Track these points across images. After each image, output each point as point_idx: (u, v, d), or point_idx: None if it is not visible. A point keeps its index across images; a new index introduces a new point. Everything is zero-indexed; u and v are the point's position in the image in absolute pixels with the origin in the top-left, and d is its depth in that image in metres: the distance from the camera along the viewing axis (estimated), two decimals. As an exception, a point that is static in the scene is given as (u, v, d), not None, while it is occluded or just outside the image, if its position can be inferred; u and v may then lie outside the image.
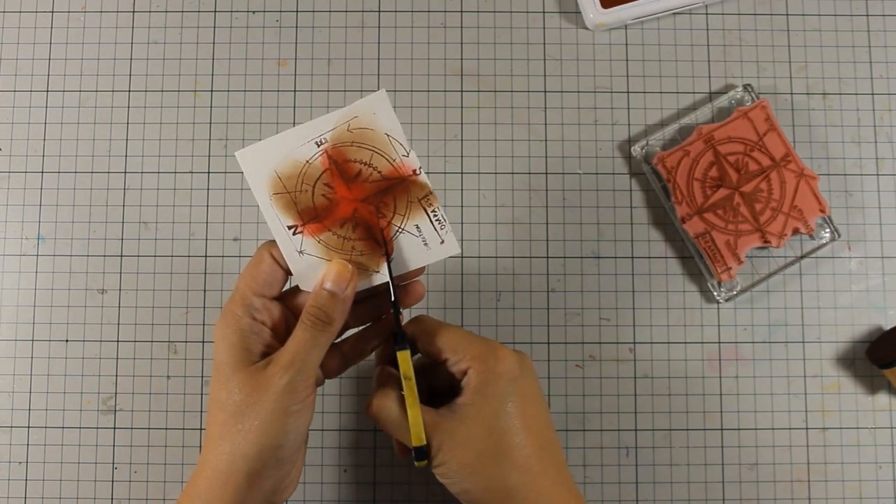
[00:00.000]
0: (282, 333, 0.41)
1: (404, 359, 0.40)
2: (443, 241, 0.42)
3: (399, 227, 0.42)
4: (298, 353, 0.39)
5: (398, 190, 0.41)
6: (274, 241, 0.41)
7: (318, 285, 0.40)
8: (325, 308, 0.39)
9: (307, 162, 0.41)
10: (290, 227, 0.41)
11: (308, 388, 0.39)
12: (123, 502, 0.52)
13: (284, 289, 0.42)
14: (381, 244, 0.41)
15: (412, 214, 0.42)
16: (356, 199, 0.41)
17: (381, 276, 0.41)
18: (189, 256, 0.53)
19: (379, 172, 0.41)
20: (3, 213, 0.54)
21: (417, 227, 0.42)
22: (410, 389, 0.40)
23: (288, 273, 0.41)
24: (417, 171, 0.41)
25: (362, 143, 0.41)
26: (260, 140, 0.41)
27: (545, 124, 0.55)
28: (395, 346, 0.41)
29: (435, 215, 0.42)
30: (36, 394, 0.53)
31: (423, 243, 0.41)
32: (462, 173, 0.54)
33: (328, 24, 0.55)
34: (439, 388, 0.43)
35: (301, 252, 0.41)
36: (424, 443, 0.39)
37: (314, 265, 0.41)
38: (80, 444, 0.52)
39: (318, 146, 0.41)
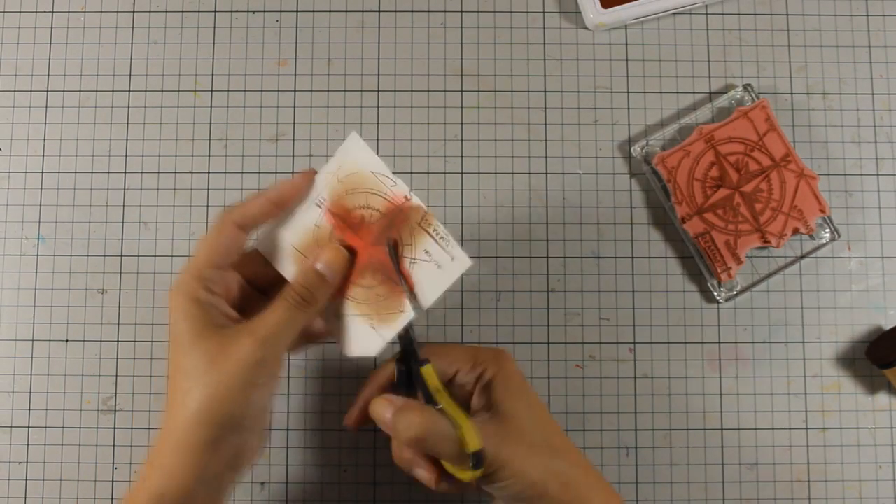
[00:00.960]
0: (237, 301, 0.41)
1: (430, 373, 0.40)
2: (452, 258, 0.41)
3: (411, 258, 0.41)
4: (276, 329, 0.38)
5: (398, 220, 0.41)
6: (232, 208, 0.40)
7: (308, 265, 0.40)
8: (311, 288, 0.39)
9: (316, 226, 0.42)
10: (320, 200, 0.42)
11: (277, 362, 0.39)
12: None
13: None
14: (398, 279, 0.41)
15: (417, 241, 0.42)
16: (368, 244, 0.42)
17: (406, 315, 0.41)
18: (189, 256, 0.53)
19: (378, 211, 0.42)
20: (3, 213, 0.54)
21: (426, 252, 0.42)
22: (447, 398, 0.40)
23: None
24: (408, 196, 0.41)
25: (355, 189, 0.42)
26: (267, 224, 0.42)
27: (545, 124, 0.55)
28: (411, 366, 0.41)
29: (437, 233, 0.42)
30: (36, 394, 0.53)
31: (436, 267, 0.41)
32: (462, 173, 0.54)
33: (328, 24, 0.55)
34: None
35: (317, 226, 0.42)
36: (481, 445, 0.38)
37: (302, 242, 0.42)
38: (80, 444, 0.52)
39: (320, 207, 0.42)
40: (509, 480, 0.39)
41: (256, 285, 0.43)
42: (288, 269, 0.42)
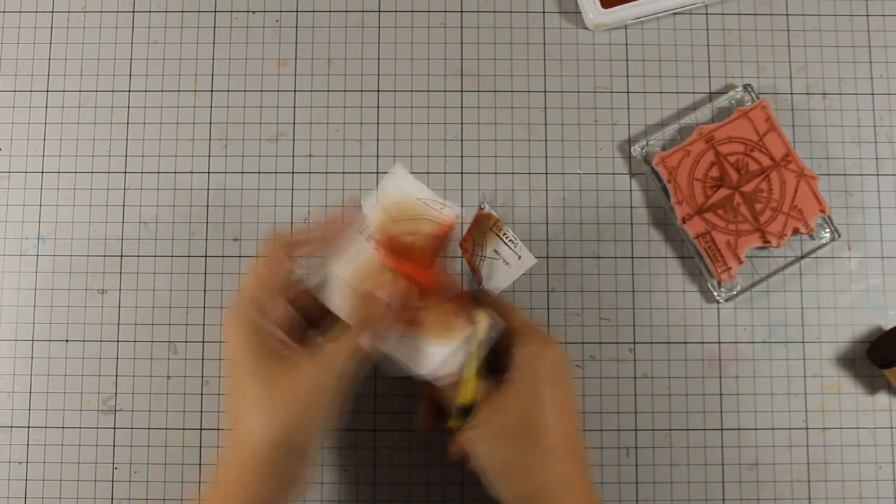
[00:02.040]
0: (290, 329, 0.42)
1: (482, 324, 0.43)
2: (520, 257, 0.48)
3: (480, 256, 0.48)
4: (340, 356, 0.40)
5: (472, 225, 0.46)
6: (286, 243, 0.42)
7: (370, 293, 0.42)
8: (374, 317, 0.41)
9: (365, 258, 0.43)
10: (367, 237, 0.44)
11: (340, 391, 0.40)
12: (123, 502, 0.52)
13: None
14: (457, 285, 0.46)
15: (488, 242, 0.50)
16: (421, 268, 0.43)
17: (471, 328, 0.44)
18: (189, 256, 0.53)
19: (427, 234, 0.44)
20: (3, 213, 0.54)
21: (496, 252, 0.50)
22: (474, 352, 0.42)
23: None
24: (458, 218, 0.45)
25: (401, 217, 0.44)
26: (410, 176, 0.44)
27: (545, 124, 0.55)
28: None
29: (506, 236, 0.51)
30: (36, 394, 0.53)
31: (504, 263, 0.46)
32: (462, 173, 0.54)
33: (328, 24, 0.55)
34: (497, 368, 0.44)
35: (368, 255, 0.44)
36: (469, 401, 0.41)
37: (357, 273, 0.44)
38: (80, 444, 0.52)
39: (368, 240, 0.44)
40: (478, 445, 0.41)
41: (307, 319, 0.44)
42: (337, 302, 0.43)
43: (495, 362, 0.44)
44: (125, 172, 0.54)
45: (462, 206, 0.54)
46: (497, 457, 0.41)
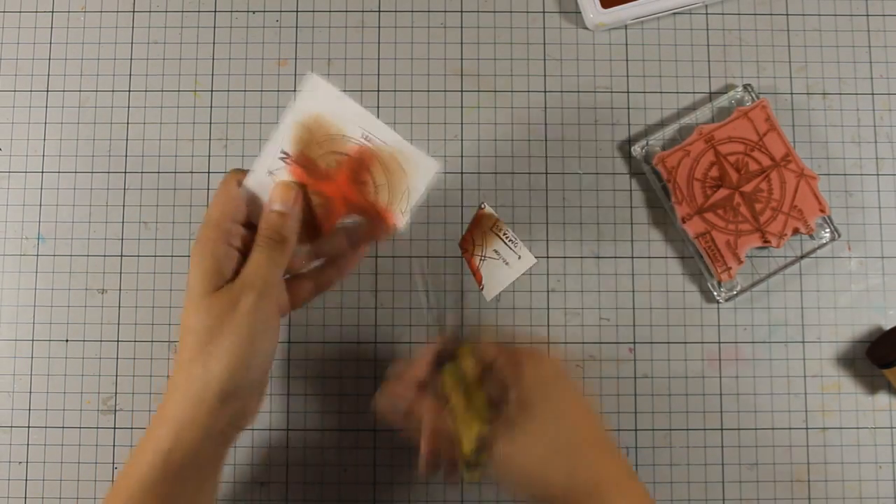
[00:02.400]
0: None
1: (451, 374, 0.42)
2: (520, 257, 0.47)
3: (481, 256, 0.47)
4: (258, 273, 0.40)
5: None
6: (239, 169, 0.42)
7: (266, 208, 0.41)
8: (276, 227, 0.41)
9: (344, 135, 0.42)
10: (282, 153, 0.42)
11: (271, 307, 0.40)
12: (123, 502, 0.52)
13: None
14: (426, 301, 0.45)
15: (488, 242, 0.50)
16: (341, 188, 0.42)
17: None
18: (189, 256, 0.53)
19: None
20: (3, 213, 0.54)
21: (496, 252, 0.49)
22: (458, 400, 0.41)
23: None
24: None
25: (388, 172, 0.43)
26: (332, 85, 0.42)
27: (545, 124, 0.54)
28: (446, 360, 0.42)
29: (506, 236, 0.51)
30: (36, 394, 0.53)
31: (504, 263, 0.46)
32: (462, 173, 0.54)
33: (328, 24, 0.55)
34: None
35: (270, 173, 0.42)
36: (471, 452, 0.40)
37: (268, 188, 0.42)
38: (80, 444, 0.52)
39: (364, 138, 0.42)
40: (517, 488, 0.41)
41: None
42: (297, 113, 0.42)
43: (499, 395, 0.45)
44: (125, 172, 0.54)
45: (462, 206, 0.54)
46: (540, 489, 0.40)
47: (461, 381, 0.42)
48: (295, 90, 0.55)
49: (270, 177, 0.42)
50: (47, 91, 0.55)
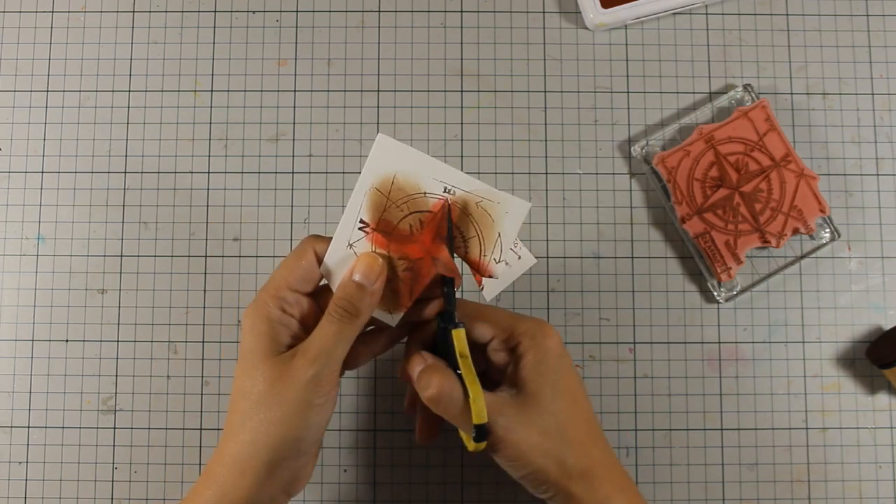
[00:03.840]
0: (311, 327, 0.41)
1: (460, 336, 0.40)
2: (520, 257, 0.44)
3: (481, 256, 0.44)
4: (325, 345, 0.39)
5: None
6: (318, 237, 0.41)
7: (346, 277, 0.40)
8: (352, 300, 0.39)
9: (424, 193, 0.41)
10: (361, 222, 0.41)
11: (333, 381, 0.39)
12: (123, 502, 0.52)
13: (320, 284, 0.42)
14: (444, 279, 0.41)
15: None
16: (426, 248, 0.41)
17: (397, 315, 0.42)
18: (189, 256, 0.53)
19: (465, 252, 0.42)
20: (3, 213, 0.54)
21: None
22: (468, 367, 0.39)
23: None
24: (495, 275, 0.42)
25: (476, 223, 0.42)
26: (401, 143, 0.41)
27: (545, 124, 0.55)
28: (447, 326, 0.40)
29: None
30: (36, 394, 0.53)
31: (504, 264, 0.43)
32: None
33: (328, 24, 0.55)
34: (481, 374, 0.42)
35: (350, 245, 0.41)
36: (486, 420, 0.38)
37: (350, 261, 0.41)
38: (80, 444, 0.52)
39: (444, 191, 0.41)
40: (512, 462, 0.40)
41: (322, 304, 0.43)
42: (371, 176, 0.41)
43: (490, 362, 0.44)
44: (125, 172, 0.54)
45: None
46: (543, 468, 0.39)
47: (467, 347, 0.41)
48: (295, 90, 0.55)
49: (350, 249, 0.41)
50: (47, 91, 0.55)
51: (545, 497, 0.41)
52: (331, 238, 0.41)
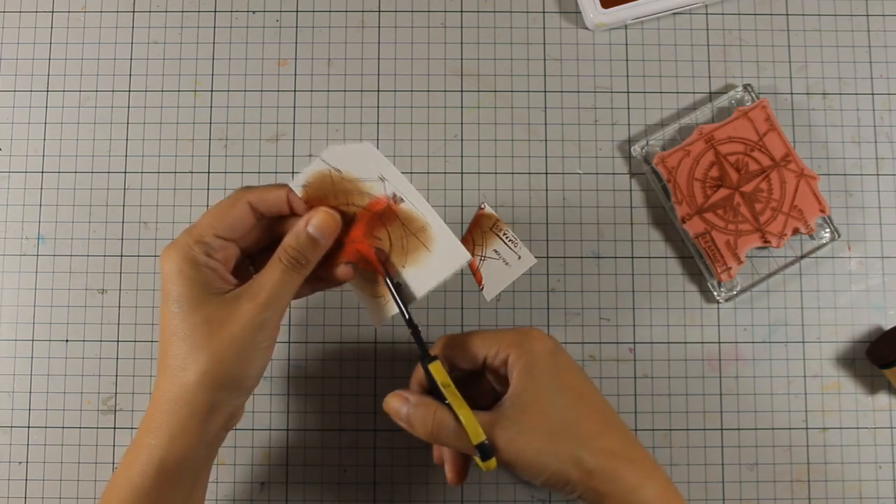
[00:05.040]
0: (237, 273, 0.41)
1: (437, 369, 0.41)
2: (520, 257, 0.46)
3: (481, 256, 0.46)
4: (274, 291, 0.39)
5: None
6: (249, 188, 0.41)
7: (300, 227, 0.41)
8: (304, 251, 0.40)
9: (370, 194, 0.42)
10: (302, 187, 0.42)
11: (277, 325, 0.40)
12: (123, 502, 0.52)
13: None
14: (385, 284, 0.42)
15: (488, 242, 0.49)
16: (354, 240, 0.42)
17: (391, 307, 0.42)
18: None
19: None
20: (3, 213, 0.54)
21: (496, 251, 0.49)
22: (453, 393, 0.40)
23: (261, 219, 0.42)
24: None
25: (410, 233, 0.42)
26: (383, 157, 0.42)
27: (545, 124, 0.55)
28: (423, 362, 0.41)
29: (506, 236, 0.51)
30: (36, 394, 0.53)
31: (504, 263, 0.45)
32: (462, 173, 0.54)
33: (328, 24, 0.55)
34: (483, 403, 0.42)
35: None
36: (484, 438, 0.39)
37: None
38: (80, 444, 0.52)
39: (393, 198, 0.42)
40: (528, 471, 0.39)
41: (248, 254, 0.44)
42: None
43: (479, 394, 0.44)
44: (125, 172, 0.54)
45: (462, 206, 0.54)
46: (559, 469, 0.39)
47: (447, 375, 0.41)
48: (295, 90, 0.55)
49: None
50: (47, 91, 0.55)
51: (576, 497, 0.40)
52: (262, 189, 0.42)
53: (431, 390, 0.42)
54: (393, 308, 0.42)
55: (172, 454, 0.39)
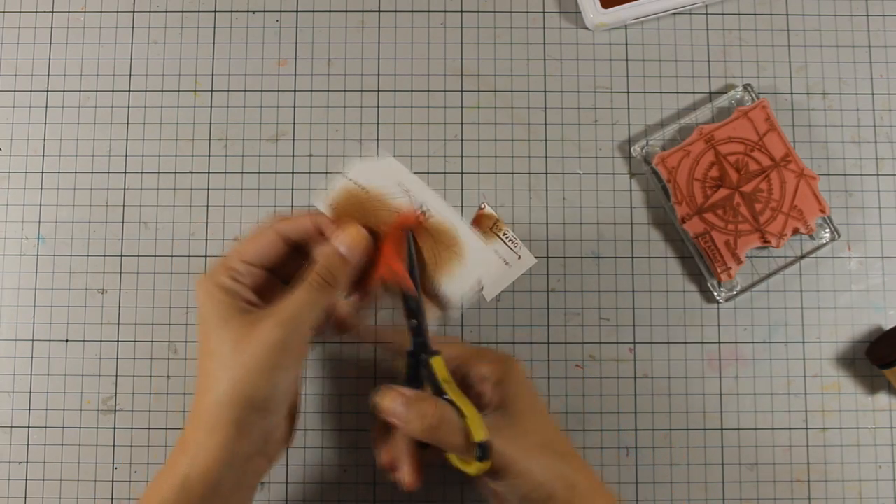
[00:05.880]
0: (267, 297, 0.42)
1: (440, 363, 0.41)
2: (519, 257, 0.46)
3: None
4: (296, 310, 0.39)
5: (472, 225, 0.44)
6: (281, 217, 0.42)
7: (329, 245, 0.41)
8: (333, 270, 0.40)
9: (396, 209, 0.43)
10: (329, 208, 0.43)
11: (300, 346, 0.40)
12: (123, 502, 0.52)
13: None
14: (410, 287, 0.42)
15: (488, 242, 0.49)
16: (386, 261, 0.43)
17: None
18: (189, 256, 0.53)
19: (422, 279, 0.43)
20: (3, 213, 0.54)
21: (496, 252, 0.49)
22: (456, 390, 0.40)
23: (293, 249, 0.42)
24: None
25: (441, 245, 0.43)
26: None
27: (545, 124, 0.55)
28: (420, 356, 0.41)
29: (507, 236, 0.51)
30: (36, 394, 0.53)
31: (504, 263, 0.44)
32: (462, 173, 0.54)
33: (328, 24, 0.55)
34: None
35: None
36: (488, 435, 0.39)
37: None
38: (80, 444, 0.52)
39: (421, 210, 0.42)
40: (517, 479, 0.39)
41: (281, 277, 0.44)
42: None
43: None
44: (125, 172, 0.54)
45: (462, 206, 0.54)
46: (545, 482, 0.40)
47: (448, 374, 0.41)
48: (295, 90, 0.55)
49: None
50: (47, 91, 0.55)
51: None
52: (291, 218, 0.42)
53: (416, 387, 0.42)
54: (455, 295, 0.42)
55: (195, 471, 0.38)
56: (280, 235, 0.42)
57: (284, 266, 0.43)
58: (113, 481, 0.52)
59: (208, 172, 0.54)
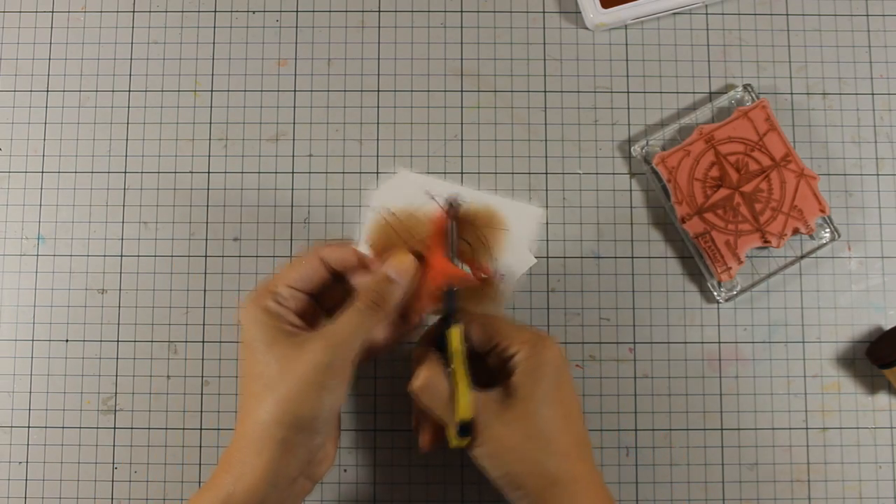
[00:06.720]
0: (310, 321, 0.42)
1: (454, 335, 0.41)
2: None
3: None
4: (346, 332, 0.40)
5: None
6: (327, 244, 0.43)
7: (380, 272, 0.42)
8: (381, 291, 0.41)
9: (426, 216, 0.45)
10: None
11: (346, 367, 0.40)
12: (123, 502, 0.52)
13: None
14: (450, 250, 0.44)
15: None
16: (439, 268, 0.43)
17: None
18: (189, 256, 0.53)
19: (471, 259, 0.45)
20: (3, 213, 0.54)
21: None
22: (459, 364, 0.41)
23: (335, 277, 0.43)
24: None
25: (482, 226, 0.44)
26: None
27: (545, 124, 0.55)
28: (444, 325, 0.42)
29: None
30: (36, 394, 0.53)
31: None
32: (462, 173, 0.54)
33: (328, 24, 0.55)
34: (481, 382, 0.43)
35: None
36: (471, 416, 0.39)
37: None
38: (80, 444, 0.52)
39: (449, 204, 0.44)
40: (489, 461, 0.40)
41: (324, 305, 0.44)
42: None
43: (478, 372, 0.44)
44: (125, 172, 0.54)
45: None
46: (516, 473, 0.40)
47: (463, 345, 0.42)
48: (295, 90, 0.55)
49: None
50: (47, 91, 0.55)
51: (518, 501, 0.41)
52: (335, 247, 0.43)
53: (443, 354, 0.42)
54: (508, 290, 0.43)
55: (240, 489, 0.39)
56: (323, 262, 0.42)
57: (325, 293, 0.44)
58: (113, 481, 0.52)
59: (208, 172, 0.54)
